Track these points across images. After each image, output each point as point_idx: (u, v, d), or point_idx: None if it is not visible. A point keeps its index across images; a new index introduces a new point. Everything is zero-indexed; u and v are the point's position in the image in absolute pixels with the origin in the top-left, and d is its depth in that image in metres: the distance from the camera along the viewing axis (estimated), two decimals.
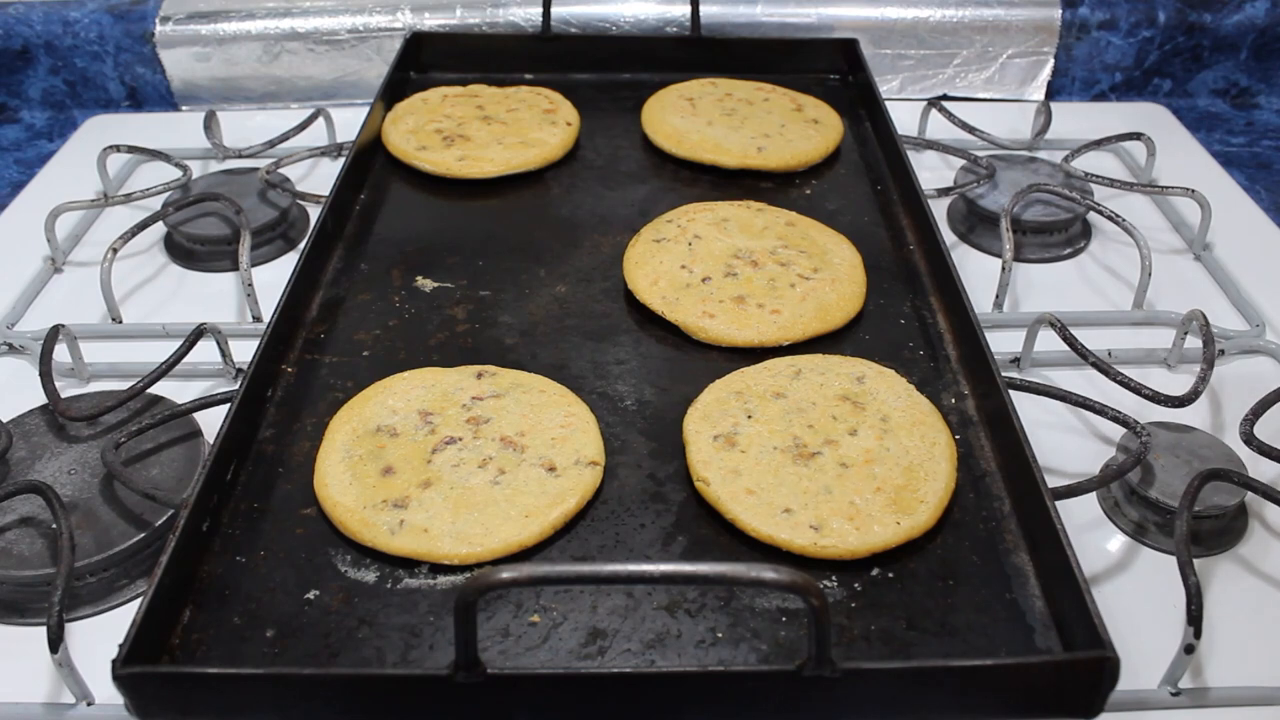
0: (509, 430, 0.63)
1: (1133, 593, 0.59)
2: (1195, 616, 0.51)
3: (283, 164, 0.93)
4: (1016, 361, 0.74)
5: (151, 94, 1.13)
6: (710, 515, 0.60)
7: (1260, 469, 0.63)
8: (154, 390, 0.68)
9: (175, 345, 0.70)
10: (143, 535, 0.59)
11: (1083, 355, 0.69)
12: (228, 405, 0.62)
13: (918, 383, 0.68)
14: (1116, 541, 0.63)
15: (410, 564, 0.57)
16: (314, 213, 0.87)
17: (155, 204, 0.90)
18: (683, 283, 0.75)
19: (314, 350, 0.72)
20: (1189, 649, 0.52)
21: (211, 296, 0.82)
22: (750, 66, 1.06)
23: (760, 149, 0.91)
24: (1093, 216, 0.88)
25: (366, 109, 0.93)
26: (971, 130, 0.98)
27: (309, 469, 0.62)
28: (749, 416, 0.64)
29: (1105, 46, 1.11)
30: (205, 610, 0.54)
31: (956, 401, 0.68)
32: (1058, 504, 0.55)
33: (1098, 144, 0.97)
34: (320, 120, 1.00)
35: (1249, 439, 0.63)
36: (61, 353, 0.71)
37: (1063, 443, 0.68)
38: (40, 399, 0.67)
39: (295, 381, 0.70)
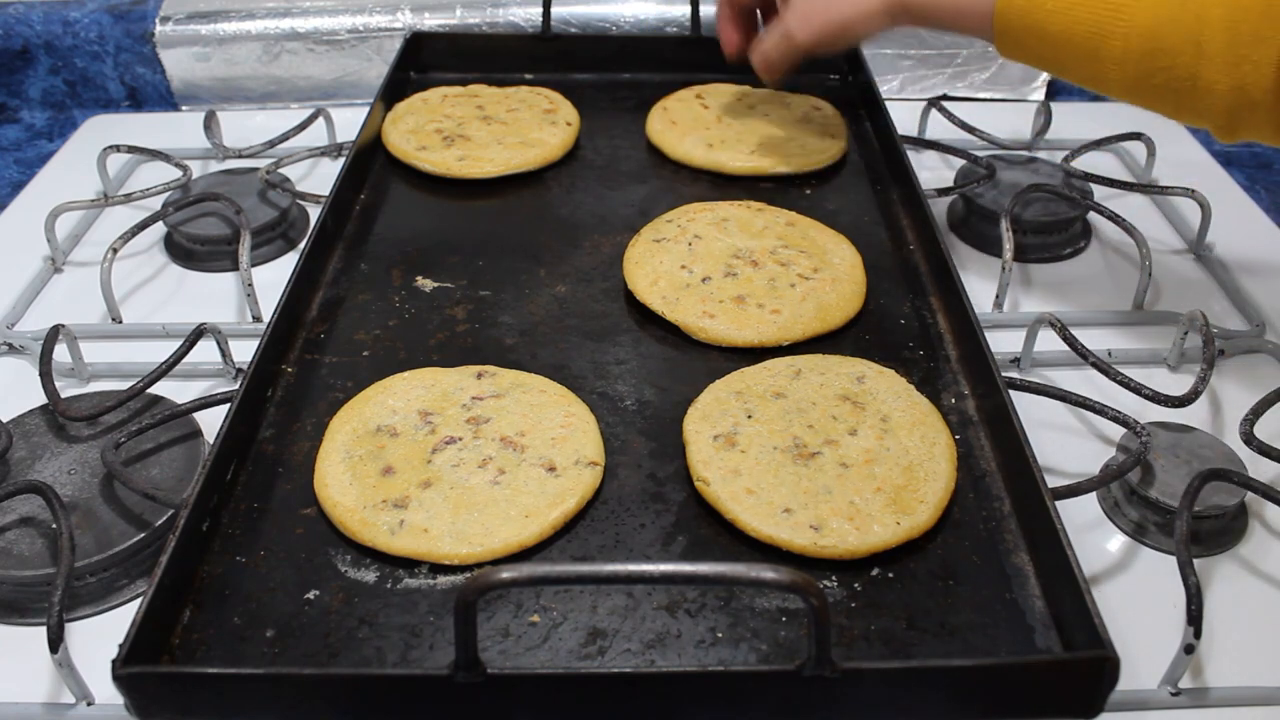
0: (509, 430, 0.63)
1: (1133, 593, 0.59)
2: (1195, 616, 0.51)
3: (283, 164, 0.93)
4: (1016, 361, 0.74)
5: (151, 94, 1.13)
6: (710, 515, 0.60)
7: (1260, 469, 0.63)
8: (154, 390, 0.68)
9: (175, 345, 0.70)
10: (143, 535, 0.59)
11: (1083, 355, 0.69)
12: (228, 405, 0.62)
13: (918, 383, 0.68)
14: (1116, 541, 0.63)
15: (410, 564, 0.57)
16: (314, 213, 0.87)
17: (155, 204, 0.90)
18: (683, 283, 0.75)
19: (314, 350, 0.72)
20: (1189, 649, 0.52)
21: (211, 296, 0.83)
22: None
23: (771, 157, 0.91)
24: (1093, 216, 0.88)
25: (366, 109, 0.93)
26: (971, 130, 0.98)
27: (309, 469, 0.62)
28: (749, 416, 0.64)
29: None
30: (205, 610, 0.54)
31: (956, 401, 0.68)
32: (1058, 504, 0.55)
33: (1098, 144, 0.97)
34: (320, 120, 1.00)
35: (1249, 439, 0.63)
36: (61, 353, 0.71)
37: (1063, 443, 0.68)
38: (40, 399, 0.67)
39: (295, 381, 0.70)
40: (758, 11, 0.89)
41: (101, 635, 0.55)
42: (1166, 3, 0.62)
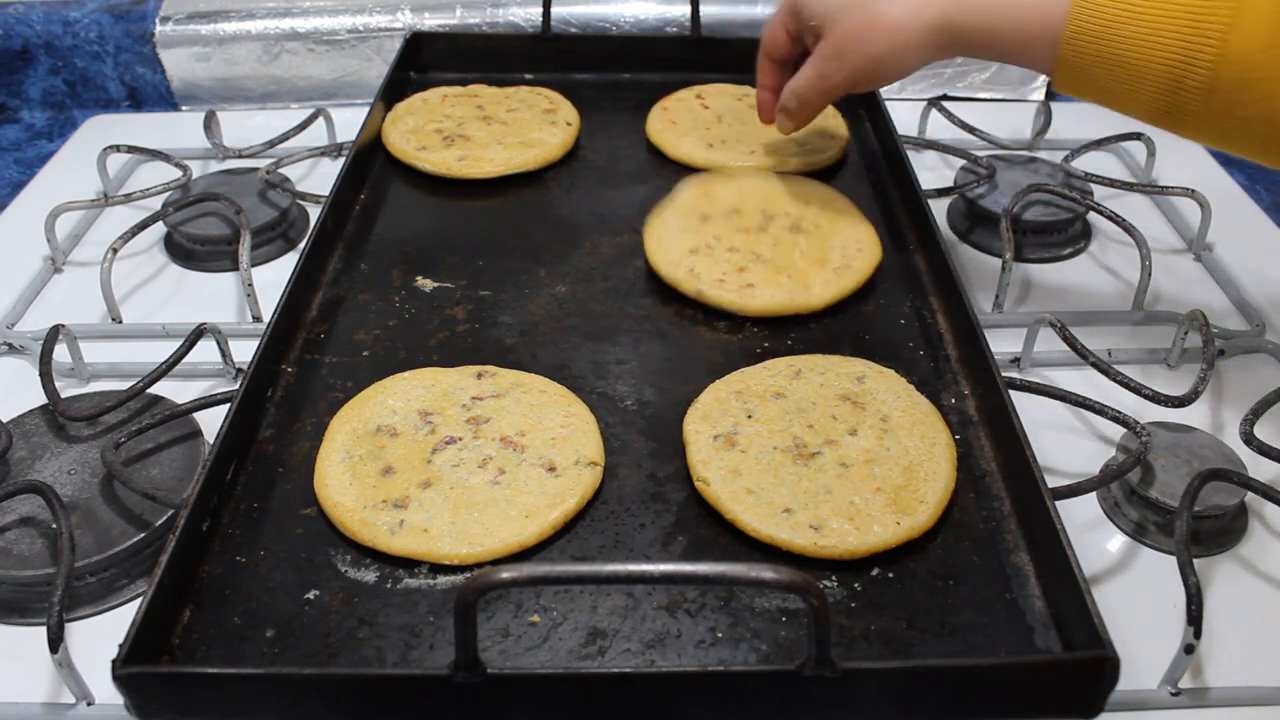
0: (509, 430, 0.63)
1: (1133, 593, 0.59)
2: (1195, 616, 0.51)
3: (283, 164, 0.93)
4: (1016, 361, 0.74)
5: (151, 94, 1.13)
6: (710, 515, 0.60)
7: (1260, 469, 0.63)
8: (154, 390, 0.68)
9: (175, 345, 0.70)
10: (143, 535, 0.59)
11: (1083, 355, 0.69)
12: (228, 405, 0.62)
13: (918, 383, 0.68)
14: (1116, 541, 0.63)
15: (410, 564, 0.57)
16: (314, 213, 0.87)
17: (155, 204, 0.90)
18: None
19: (314, 350, 0.72)
20: (1189, 649, 0.52)
21: (211, 296, 0.83)
22: (750, 67, 1.06)
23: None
24: (1093, 216, 0.88)
25: (366, 109, 0.93)
26: (971, 130, 0.98)
27: (309, 469, 0.62)
28: (749, 416, 0.64)
29: None
30: (205, 610, 0.54)
31: (956, 401, 0.68)
32: (1058, 504, 0.55)
33: (1098, 144, 0.97)
34: (320, 120, 1.00)
35: (1249, 439, 0.63)
36: (61, 353, 0.71)
37: (1063, 443, 0.68)
38: (40, 399, 0.67)
39: (295, 381, 0.70)
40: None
41: (101, 635, 0.55)
42: (1266, 26, 0.56)
